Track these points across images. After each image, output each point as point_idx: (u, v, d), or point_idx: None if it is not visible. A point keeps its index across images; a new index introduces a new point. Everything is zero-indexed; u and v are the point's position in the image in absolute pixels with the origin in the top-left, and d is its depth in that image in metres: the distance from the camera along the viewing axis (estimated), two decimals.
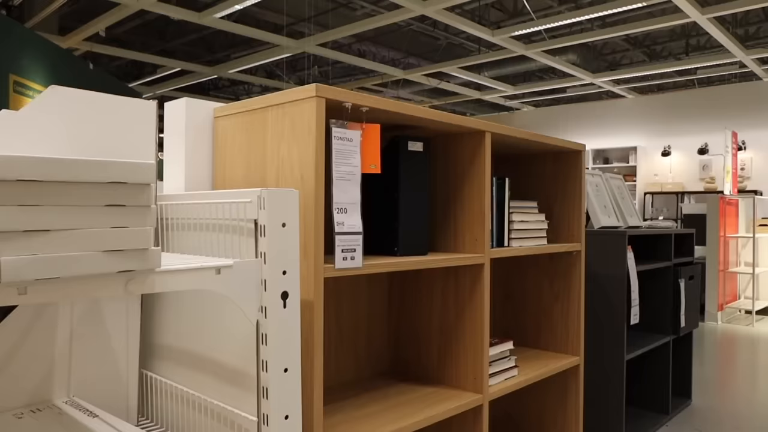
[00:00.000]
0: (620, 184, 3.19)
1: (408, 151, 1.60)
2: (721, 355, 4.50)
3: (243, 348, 1.14)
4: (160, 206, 1.35)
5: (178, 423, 1.30)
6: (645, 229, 2.84)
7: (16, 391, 1.18)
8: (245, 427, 1.13)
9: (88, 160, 0.83)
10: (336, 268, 1.30)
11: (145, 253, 0.90)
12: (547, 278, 2.28)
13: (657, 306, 3.02)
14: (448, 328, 1.81)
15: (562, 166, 2.27)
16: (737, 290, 6.48)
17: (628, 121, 9.78)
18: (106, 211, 0.86)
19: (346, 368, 1.86)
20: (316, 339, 1.26)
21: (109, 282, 0.87)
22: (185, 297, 1.30)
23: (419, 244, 1.63)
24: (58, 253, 0.81)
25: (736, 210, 6.38)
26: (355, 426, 1.46)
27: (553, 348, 2.26)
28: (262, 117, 1.38)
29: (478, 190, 1.74)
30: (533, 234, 2.03)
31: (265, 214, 1.07)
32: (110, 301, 1.27)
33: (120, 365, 1.30)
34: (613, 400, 2.55)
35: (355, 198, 1.35)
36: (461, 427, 1.78)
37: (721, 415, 3.08)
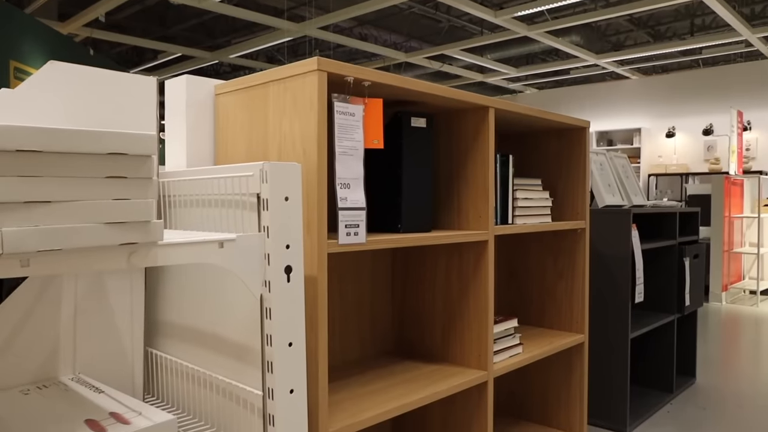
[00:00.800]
0: (625, 163, 3.17)
1: (411, 127, 1.59)
2: (725, 334, 4.50)
3: (247, 323, 1.14)
4: (162, 183, 1.34)
5: (184, 399, 1.31)
6: (649, 208, 2.83)
7: (22, 368, 1.19)
8: (250, 401, 1.13)
9: (88, 131, 0.82)
10: (340, 244, 1.29)
11: (148, 225, 0.90)
12: (551, 256, 2.27)
13: (661, 285, 3.02)
14: (452, 306, 1.81)
15: (566, 143, 2.25)
16: (742, 270, 6.47)
17: (632, 102, 9.72)
18: (107, 182, 0.85)
19: (350, 347, 1.86)
20: (321, 314, 1.26)
21: (111, 254, 0.87)
22: (188, 274, 1.30)
23: (423, 221, 1.62)
24: (59, 224, 0.81)
25: (741, 190, 6.35)
26: (361, 402, 1.47)
27: (558, 326, 2.26)
28: (264, 93, 1.37)
29: (482, 166, 1.72)
30: (537, 211, 2.02)
31: (267, 188, 1.07)
32: (114, 278, 1.27)
33: (125, 342, 1.30)
34: (617, 378, 2.56)
35: (358, 173, 1.34)
36: (466, 403, 1.78)
37: (724, 394, 3.09)
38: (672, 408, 2.89)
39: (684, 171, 9.02)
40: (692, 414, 2.80)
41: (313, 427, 1.27)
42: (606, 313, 2.57)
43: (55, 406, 1.05)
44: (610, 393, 2.59)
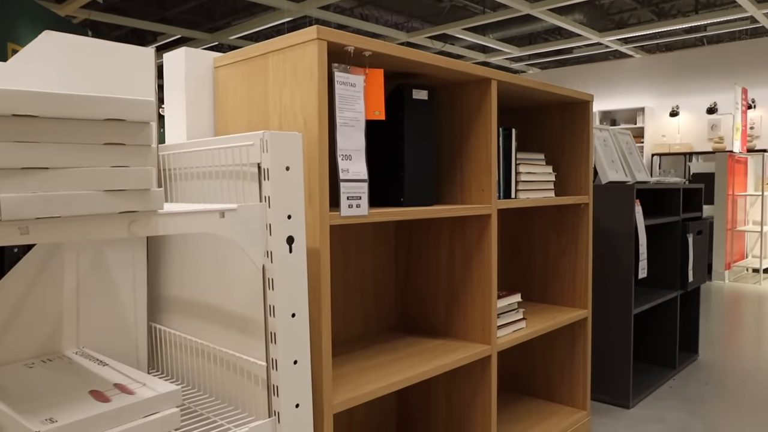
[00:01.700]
0: (628, 140, 3.15)
1: (413, 100, 1.57)
2: (727, 312, 4.50)
3: (250, 294, 1.13)
4: (163, 156, 1.33)
5: (189, 373, 1.31)
6: (653, 184, 2.81)
7: (26, 342, 1.19)
8: (254, 373, 1.13)
9: (85, 95, 0.81)
10: (342, 216, 1.28)
11: (147, 193, 0.89)
12: (554, 232, 2.26)
13: (665, 261, 3.01)
14: (455, 281, 1.80)
15: (569, 117, 2.23)
16: (745, 249, 6.46)
17: (636, 81, 9.64)
18: (105, 149, 0.84)
19: (354, 323, 1.86)
20: (323, 286, 1.25)
21: (111, 222, 0.86)
22: (190, 248, 1.29)
23: (425, 195, 1.61)
24: (57, 191, 0.80)
25: (744, 168, 6.31)
26: (365, 375, 1.47)
27: (561, 302, 2.26)
28: (263, 64, 1.35)
29: (485, 140, 1.71)
30: (540, 186, 2.00)
31: (268, 157, 1.05)
32: (116, 252, 1.27)
33: (128, 316, 1.30)
34: (620, 354, 2.56)
35: (360, 145, 1.32)
36: (470, 377, 1.78)
37: (727, 370, 3.09)
38: (675, 383, 2.89)
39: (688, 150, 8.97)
40: (695, 389, 2.81)
41: (318, 398, 1.27)
42: (609, 288, 2.57)
43: (59, 378, 1.05)
44: (613, 368, 2.59)
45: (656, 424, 2.41)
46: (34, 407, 0.92)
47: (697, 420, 2.45)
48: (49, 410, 0.90)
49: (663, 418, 2.46)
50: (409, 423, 1.97)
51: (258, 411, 1.12)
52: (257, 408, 1.13)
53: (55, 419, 0.87)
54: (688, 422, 2.42)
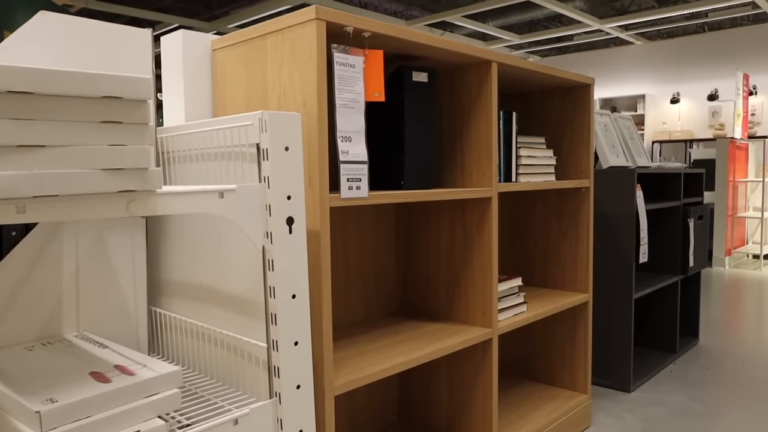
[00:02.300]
0: (629, 125, 3.13)
1: (413, 82, 1.56)
2: (728, 298, 4.51)
3: (250, 276, 1.13)
4: (161, 139, 1.32)
5: (189, 356, 1.31)
6: (654, 169, 2.80)
7: (26, 325, 1.18)
8: (255, 354, 1.12)
9: (81, 72, 0.80)
10: (342, 198, 1.28)
11: (146, 173, 0.88)
12: (555, 216, 2.25)
13: (665, 247, 3.01)
14: (456, 264, 1.80)
15: (570, 101, 2.21)
16: (745, 235, 6.46)
17: (637, 68, 9.59)
18: (102, 127, 0.83)
19: (355, 309, 1.86)
20: (324, 268, 1.25)
21: (109, 202, 0.85)
22: (189, 231, 1.29)
23: (425, 178, 1.60)
24: (54, 169, 0.79)
25: (746, 155, 6.30)
26: (366, 358, 1.46)
27: (562, 286, 2.26)
28: (261, 45, 1.34)
29: (485, 123, 1.70)
30: (541, 170, 1.99)
31: (267, 137, 1.04)
32: (115, 235, 1.26)
33: (128, 300, 1.30)
34: (621, 338, 2.56)
35: (360, 126, 1.31)
36: (471, 360, 1.79)
37: (727, 354, 3.10)
38: (675, 368, 2.90)
39: (688, 137, 8.94)
40: (695, 373, 2.81)
41: (319, 380, 1.27)
42: (610, 273, 2.57)
43: (59, 361, 1.05)
44: (613, 353, 2.59)
45: (656, 407, 2.42)
46: (34, 388, 0.91)
47: (697, 403, 2.45)
48: (50, 391, 0.90)
49: (663, 402, 2.47)
50: (410, 407, 1.98)
51: (259, 392, 1.12)
52: (258, 390, 1.12)
53: (55, 399, 0.87)
54: (689, 405, 2.43)
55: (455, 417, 1.85)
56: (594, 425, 2.25)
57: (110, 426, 0.88)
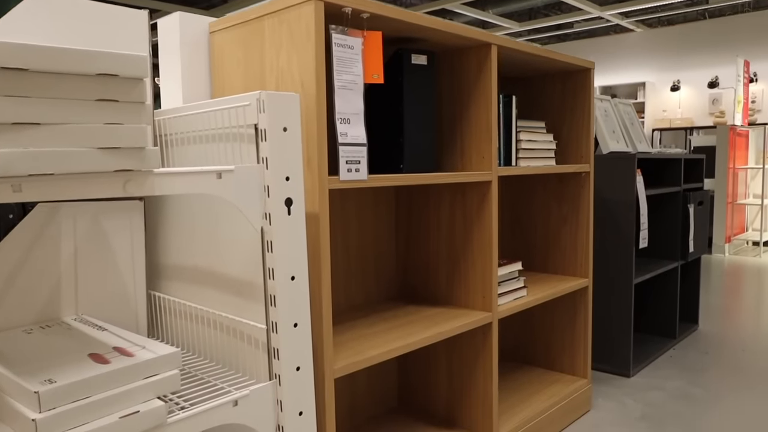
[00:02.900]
0: (629, 110, 3.12)
1: (412, 65, 1.55)
2: (727, 284, 4.51)
3: (249, 258, 1.12)
4: (159, 122, 1.31)
5: (189, 340, 1.30)
6: (655, 154, 2.79)
7: (24, 308, 1.18)
8: (255, 336, 1.12)
9: (77, 49, 0.79)
10: (341, 180, 1.27)
11: (142, 152, 0.87)
12: (555, 201, 2.25)
13: (665, 232, 3.00)
14: (456, 249, 1.79)
15: (570, 86, 2.20)
16: (745, 222, 6.46)
17: (637, 56, 9.55)
18: (98, 105, 0.82)
19: (355, 293, 1.85)
20: (323, 251, 1.24)
21: (106, 181, 0.85)
22: (188, 214, 1.28)
23: (425, 162, 1.59)
24: (50, 148, 0.78)
25: (746, 142, 6.28)
26: (366, 342, 1.46)
27: (562, 271, 2.25)
28: (259, 27, 1.33)
29: (485, 106, 1.69)
30: (541, 154, 1.99)
31: (265, 118, 1.04)
32: (113, 219, 1.25)
33: (127, 284, 1.29)
34: (621, 323, 2.56)
35: (359, 108, 1.30)
36: (471, 344, 1.79)
37: (727, 340, 3.10)
38: (675, 353, 2.90)
39: (689, 125, 8.92)
40: (695, 358, 2.82)
41: (319, 362, 1.27)
42: (610, 258, 2.56)
43: (58, 343, 1.05)
44: (613, 338, 2.60)
45: (656, 391, 2.42)
46: (32, 369, 0.91)
47: (697, 387, 2.46)
48: (48, 372, 0.89)
49: (663, 386, 2.48)
50: (410, 392, 1.98)
51: (259, 374, 1.12)
52: (258, 371, 1.12)
53: (54, 380, 0.86)
54: (688, 390, 2.44)
55: (455, 401, 1.85)
56: (594, 409, 2.26)
57: (109, 406, 0.88)
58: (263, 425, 1.07)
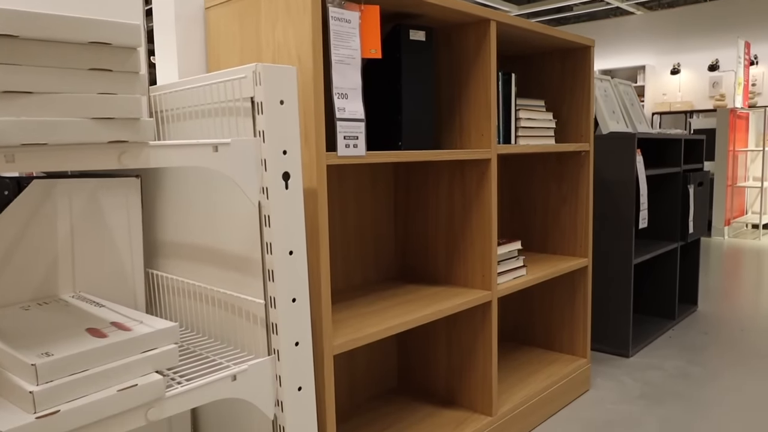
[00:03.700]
0: (629, 90, 3.10)
1: (410, 41, 1.53)
2: (727, 266, 4.52)
3: (246, 233, 1.11)
4: (154, 98, 1.30)
5: (188, 317, 1.30)
6: (655, 134, 2.78)
7: (21, 285, 1.17)
8: (253, 312, 1.12)
9: (69, 16, 0.77)
10: (339, 156, 1.26)
11: (137, 123, 0.86)
12: (554, 181, 2.24)
13: (665, 213, 3.00)
14: (455, 228, 1.78)
15: (570, 65, 2.18)
16: (745, 205, 6.45)
17: (637, 39, 9.49)
18: (91, 75, 0.81)
19: (353, 273, 1.85)
20: (321, 226, 1.24)
21: (101, 152, 0.84)
22: (185, 191, 1.27)
23: (424, 139, 1.58)
24: (42, 117, 0.77)
25: (746, 124, 6.26)
26: (365, 320, 1.46)
27: (561, 252, 2.25)
28: (255, 1, 1.31)
29: (484, 83, 1.67)
30: (541, 133, 1.97)
31: (261, 90, 1.02)
32: (109, 196, 1.25)
33: (125, 261, 1.29)
34: (620, 303, 2.57)
35: (356, 83, 1.29)
36: (471, 323, 1.79)
37: (726, 320, 3.11)
38: (674, 333, 2.91)
39: (688, 108, 8.88)
40: (694, 338, 2.83)
41: (318, 339, 1.27)
42: (610, 238, 2.56)
43: (55, 319, 1.04)
44: (613, 318, 2.60)
45: (655, 371, 2.43)
46: (30, 343, 0.91)
47: (696, 366, 2.47)
48: (46, 346, 0.89)
49: (662, 366, 2.48)
50: (409, 372, 1.98)
51: (257, 350, 1.12)
52: (257, 347, 1.12)
53: (51, 353, 0.86)
54: (687, 369, 2.44)
55: (455, 380, 1.86)
56: (593, 389, 2.27)
57: (107, 380, 0.88)
58: (262, 400, 1.07)
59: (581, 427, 1.96)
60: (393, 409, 1.85)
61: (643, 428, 1.94)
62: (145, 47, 1.14)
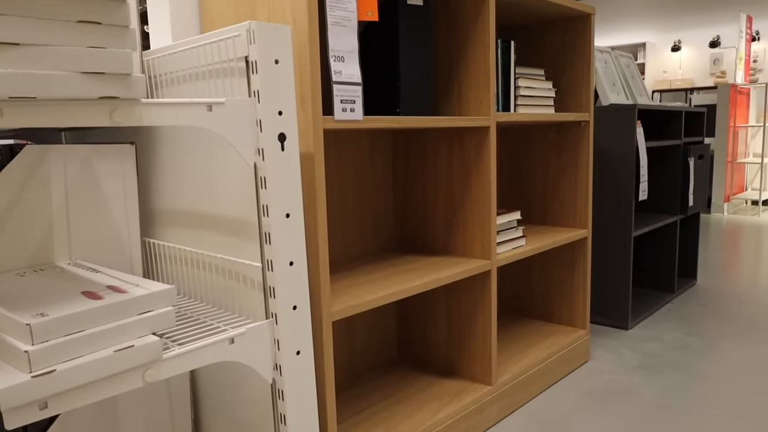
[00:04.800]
0: (630, 62, 3.07)
1: (408, 5, 1.50)
2: (726, 242, 4.51)
3: (243, 197, 1.10)
4: (147, 62, 1.27)
5: (185, 284, 1.29)
6: (655, 105, 2.75)
7: (16, 252, 1.16)
8: (250, 276, 1.11)
9: None
10: (336, 120, 1.24)
11: (128, 79, 0.84)
12: (554, 152, 2.22)
13: (665, 186, 2.98)
14: (454, 197, 1.77)
15: (570, 35, 2.15)
16: (744, 182, 6.44)
17: (637, 16, 9.39)
18: (80, 28, 0.79)
19: (352, 244, 1.84)
20: (319, 191, 1.22)
21: (92, 108, 0.82)
22: (180, 157, 1.26)
23: (422, 106, 1.56)
24: (31, 70, 0.75)
25: (747, 100, 6.22)
26: (363, 288, 1.45)
27: (561, 223, 2.24)
28: None
29: (483, 50, 1.65)
30: (540, 102, 1.95)
31: (255, 49, 1.00)
32: (104, 163, 1.23)
33: (121, 230, 1.27)
34: (620, 276, 2.56)
35: (353, 46, 1.27)
36: (470, 292, 1.78)
37: (725, 293, 3.11)
38: (673, 306, 2.91)
39: (689, 86, 8.82)
40: (693, 311, 2.83)
41: (316, 305, 1.26)
42: (609, 211, 2.55)
43: (51, 283, 1.03)
44: (612, 291, 2.60)
45: (654, 342, 2.43)
46: (24, 305, 0.90)
47: (695, 338, 2.47)
48: (40, 308, 0.88)
49: (661, 338, 2.49)
50: (409, 344, 1.98)
51: (255, 314, 1.11)
52: (254, 312, 1.11)
53: (46, 314, 0.85)
54: (686, 340, 2.45)
55: (454, 351, 1.86)
56: (592, 360, 2.27)
57: (103, 341, 0.87)
58: (260, 364, 1.07)
59: (581, 396, 1.97)
60: (393, 378, 1.85)
61: (643, 398, 1.95)
62: (137, 9, 1.12)
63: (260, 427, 1.19)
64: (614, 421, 1.80)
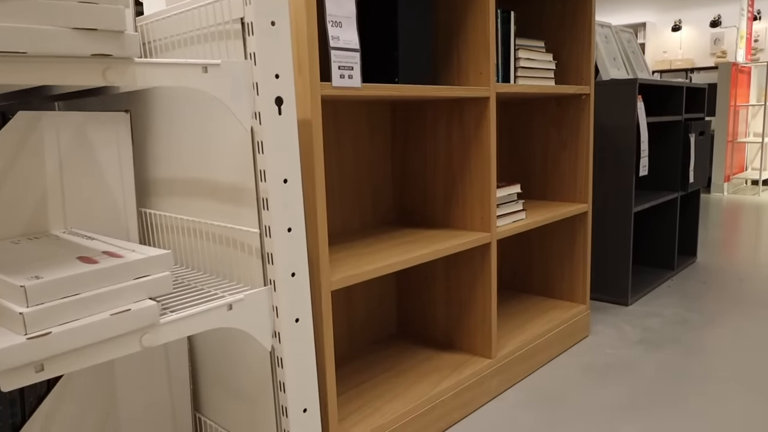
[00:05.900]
0: (630, 38, 3.03)
1: None
2: (726, 221, 4.51)
3: (239, 162, 1.08)
4: (141, 28, 1.25)
5: (183, 254, 1.28)
6: (656, 80, 2.73)
7: (10, 221, 1.15)
8: (248, 243, 1.10)
9: None
10: (333, 86, 1.22)
11: (121, 36, 0.82)
12: (554, 126, 2.20)
13: (666, 162, 2.96)
14: (453, 169, 1.76)
15: (570, 6, 2.12)
16: (745, 161, 6.42)
17: None
18: None
19: (351, 218, 1.83)
20: (317, 158, 1.21)
21: (84, 66, 0.80)
22: (177, 126, 1.24)
23: (421, 75, 1.54)
24: (19, 24, 0.73)
25: (748, 79, 6.18)
26: (363, 259, 1.44)
27: (561, 198, 2.23)
28: None
29: (482, 20, 1.62)
30: (540, 74, 1.93)
31: (251, 10, 0.98)
32: (98, 131, 1.21)
33: (117, 199, 1.26)
34: (620, 251, 2.56)
35: (350, 11, 1.24)
36: (470, 266, 1.77)
37: (725, 271, 3.11)
38: (673, 283, 2.91)
39: (689, 66, 8.76)
40: (693, 287, 2.83)
41: (315, 274, 1.25)
42: (610, 186, 2.53)
43: (46, 250, 1.02)
44: (612, 267, 2.59)
45: (654, 318, 2.43)
46: (19, 269, 0.89)
47: (695, 314, 2.47)
48: (35, 272, 0.87)
49: (661, 313, 2.49)
50: (408, 319, 1.98)
51: (253, 282, 1.10)
52: (252, 279, 1.10)
53: (41, 277, 0.84)
54: (686, 316, 2.45)
55: (453, 325, 1.85)
56: (592, 335, 2.27)
57: (99, 304, 0.86)
58: (259, 330, 1.06)
59: (580, 370, 1.97)
60: (393, 352, 1.85)
61: (642, 371, 1.95)
62: None
63: (259, 395, 1.18)
64: (614, 393, 1.80)
